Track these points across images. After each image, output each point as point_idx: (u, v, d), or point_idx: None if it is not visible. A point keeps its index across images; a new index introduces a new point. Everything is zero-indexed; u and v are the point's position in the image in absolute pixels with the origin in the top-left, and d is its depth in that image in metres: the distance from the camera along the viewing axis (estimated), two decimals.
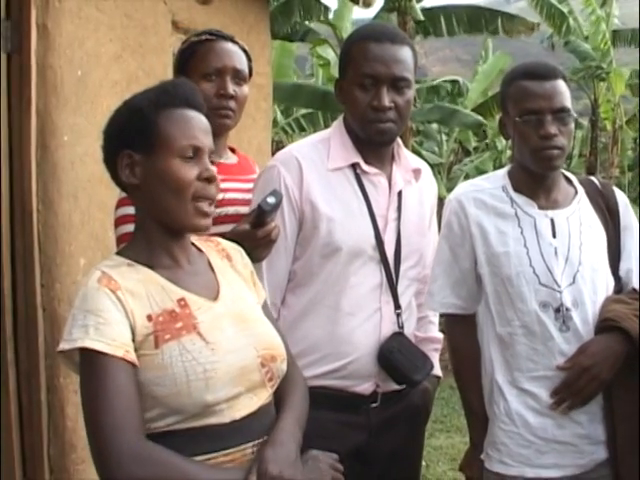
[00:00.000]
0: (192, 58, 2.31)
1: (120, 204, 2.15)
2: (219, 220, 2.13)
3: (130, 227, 1.83)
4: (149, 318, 1.58)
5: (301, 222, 2.22)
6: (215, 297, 1.70)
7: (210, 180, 1.66)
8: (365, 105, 2.21)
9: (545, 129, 2.17)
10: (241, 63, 2.35)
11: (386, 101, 2.19)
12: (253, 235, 2.08)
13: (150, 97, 1.68)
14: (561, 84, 2.21)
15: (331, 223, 2.20)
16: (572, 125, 2.23)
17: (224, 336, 1.63)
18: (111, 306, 1.55)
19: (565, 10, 14.60)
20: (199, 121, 1.69)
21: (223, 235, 2.01)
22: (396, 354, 2.23)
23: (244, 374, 1.63)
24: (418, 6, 10.20)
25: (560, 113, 2.19)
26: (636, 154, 20.51)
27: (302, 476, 1.60)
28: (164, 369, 1.54)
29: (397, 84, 2.21)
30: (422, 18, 10.40)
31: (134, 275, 1.62)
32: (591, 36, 15.41)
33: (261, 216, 2.07)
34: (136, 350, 1.55)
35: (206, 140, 1.68)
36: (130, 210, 1.85)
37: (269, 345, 1.71)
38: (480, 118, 11.74)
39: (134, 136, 1.65)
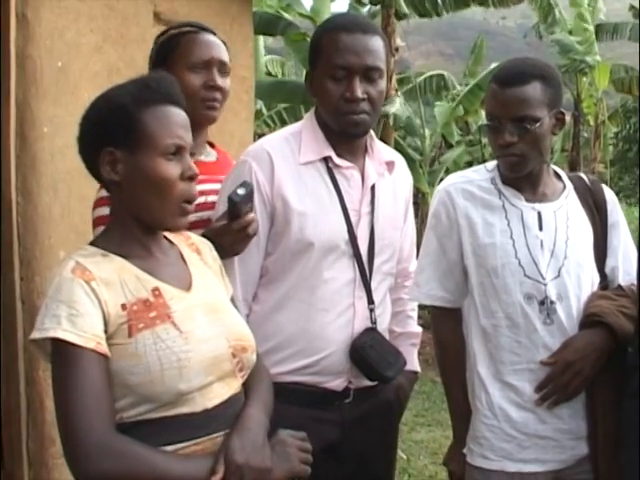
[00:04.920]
0: (176, 50, 2.29)
1: (98, 204, 2.12)
2: (198, 224, 2.10)
3: None
4: (123, 307, 1.59)
5: (273, 217, 2.19)
6: (188, 287, 1.72)
7: (192, 178, 1.68)
8: (337, 97, 2.18)
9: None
10: (225, 56, 2.34)
11: (359, 92, 2.17)
12: (229, 229, 2.03)
13: (132, 92, 1.66)
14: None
15: (303, 218, 2.17)
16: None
17: (197, 326, 1.64)
18: (84, 297, 1.55)
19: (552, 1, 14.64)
20: (180, 118, 1.70)
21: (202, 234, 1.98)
22: (368, 350, 2.21)
23: (216, 363, 1.64)
24: None
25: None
26: (617, 149, 20.63)
27: (270, 462, 1.61)
28: (138, 358, 1.56)
29: (369, 74, 2.19)
30: (407, 12, 10.37)
31: (108, 264, 1.63)
32: (575, 29, 15.39)
33: (233, 208, 2.00)
34: (109, 339, 1.56)
35: (187, 137, 1.70)
36: (108, 211, 1.83)
37: (240, 336, 1.73)
38: None
39: (117, 133, 1.64)
